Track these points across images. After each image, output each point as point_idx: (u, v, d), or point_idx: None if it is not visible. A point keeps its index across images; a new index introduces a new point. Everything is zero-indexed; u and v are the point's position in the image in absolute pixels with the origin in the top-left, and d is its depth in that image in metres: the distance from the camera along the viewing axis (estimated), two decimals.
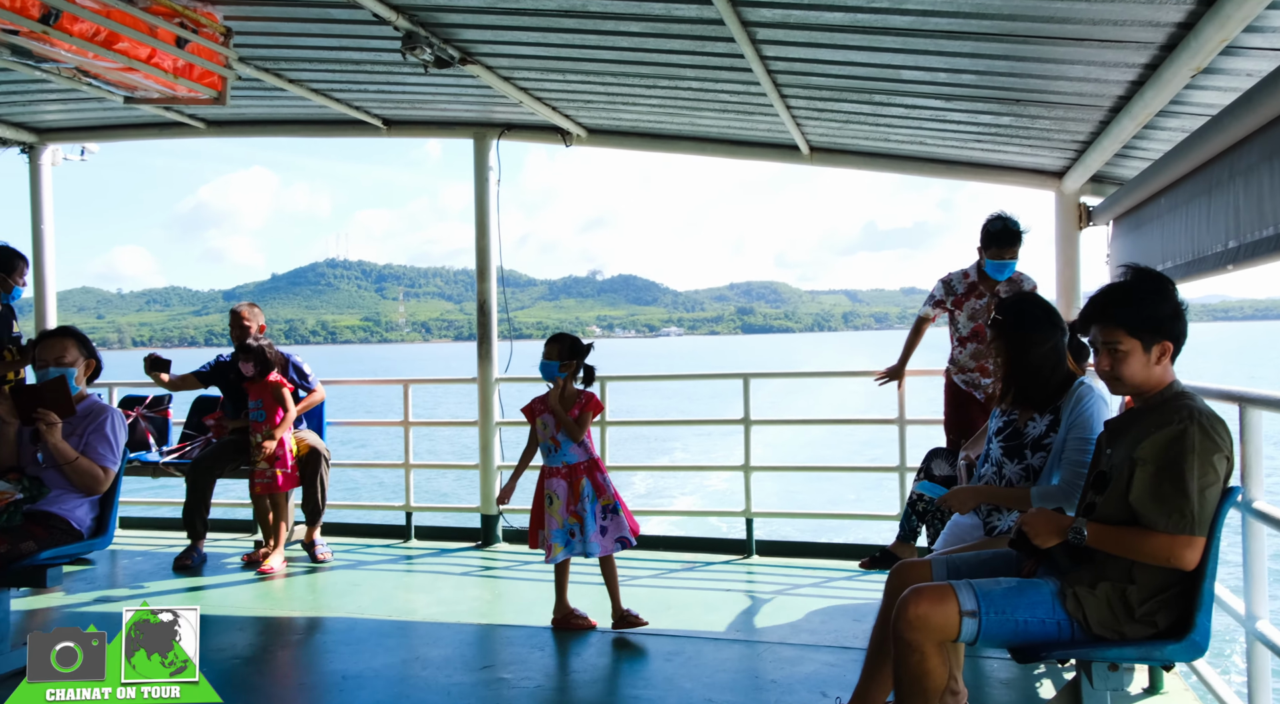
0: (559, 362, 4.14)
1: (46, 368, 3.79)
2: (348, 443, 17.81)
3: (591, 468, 4.18)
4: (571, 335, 4.20)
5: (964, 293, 4.81)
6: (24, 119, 6.47)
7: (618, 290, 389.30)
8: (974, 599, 2.36)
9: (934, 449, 4.56)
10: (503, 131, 6.05)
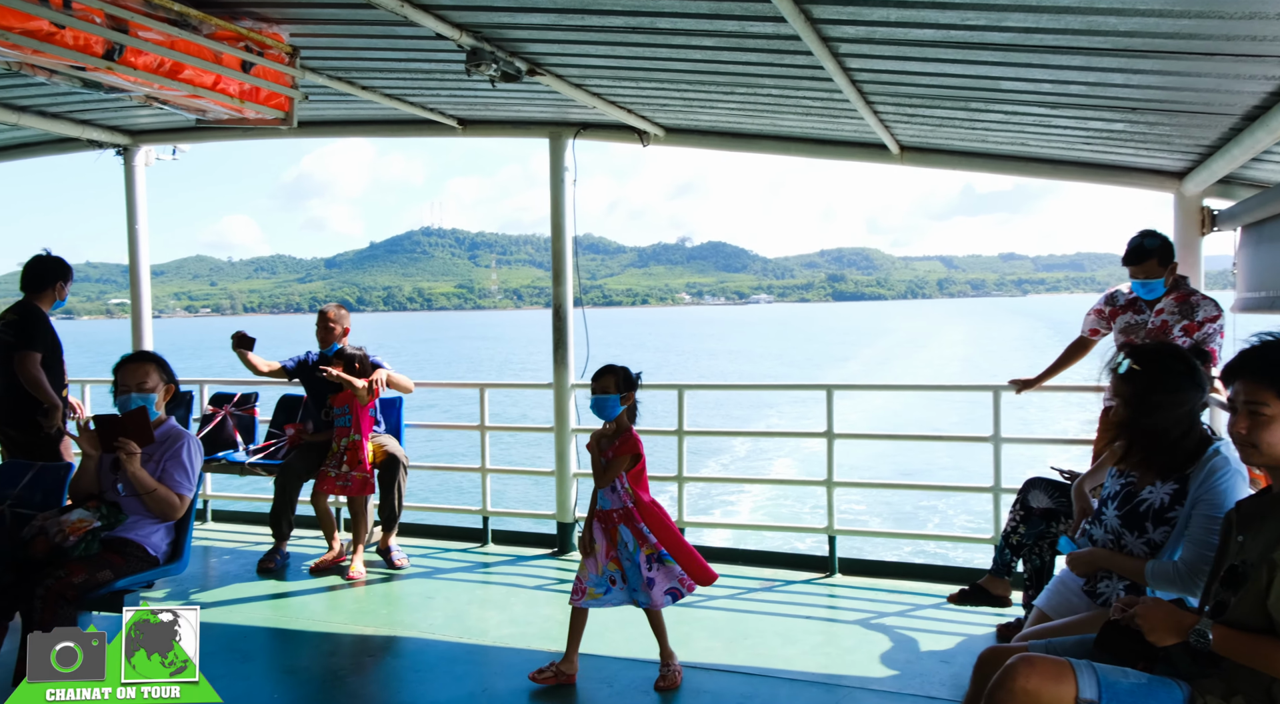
0: (619, 394, 3.78)
1: (128, 394, 3.83)
2: (428, 441, 17.89)
3: (628, 516, 3.76)
4: (623, 366, 3.88)
5: (1124, 305, 4.48)
6: (118, 122, 6.60)
7: (707, 257, 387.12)
8: (1096, 687, 2.09)
9: (1033, 479, 4.27)
10: (578, 131, 5.88)
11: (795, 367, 51.56)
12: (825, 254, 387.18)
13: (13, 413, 5.17)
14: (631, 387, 3.83)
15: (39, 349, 5.05)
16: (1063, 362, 4.86)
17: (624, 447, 3.77)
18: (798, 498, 13.62)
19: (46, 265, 5.27)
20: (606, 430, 3.84)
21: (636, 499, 3.79)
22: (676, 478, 5.85)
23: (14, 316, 5.13)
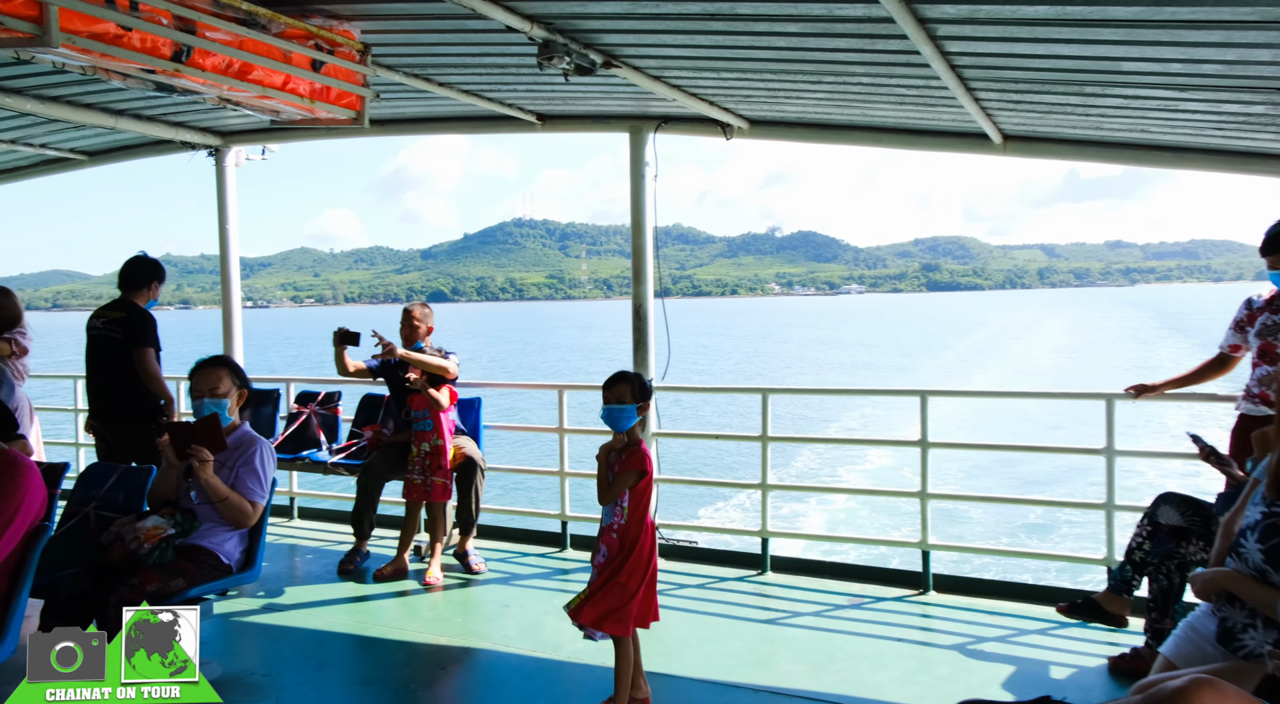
0: (635, 405, 3.48)
1: (201, 399, 3.81)
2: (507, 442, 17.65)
3: (620, 533, 3.45)
4: (636, 373, 3.60)
5: (1262, 306, 4.09)
6: (209, 124, 6.70)
7: (797, 247, 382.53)
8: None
9: (1165, 494, 3.91)
10: (659, 125, 5.68)
11: (888, 356, 50.45)
12: (919, 243, 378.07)
13: (116, 409, 5.31)
14: (646, 396, 3.56)
15: (154, 345, 5.24)
16: (1196, 376, 4.45)
17: (631, 461, 3.47)
18: (887, 505, 13.13)
19: (144, 266, 5.47)
20: (616, 443, 3.58)
21: (630, 518, 3.49)
22: (760, 485, 5.61)
23: (122, 314, 5.30)
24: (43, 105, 5.72)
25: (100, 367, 5.32)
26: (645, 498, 3.50)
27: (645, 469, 3.48)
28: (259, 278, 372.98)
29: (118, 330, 5.25)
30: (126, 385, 5.22)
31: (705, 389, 6.84)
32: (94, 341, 5.36)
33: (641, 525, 3.47)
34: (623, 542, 3.45)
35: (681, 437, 6.57)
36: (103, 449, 5.46)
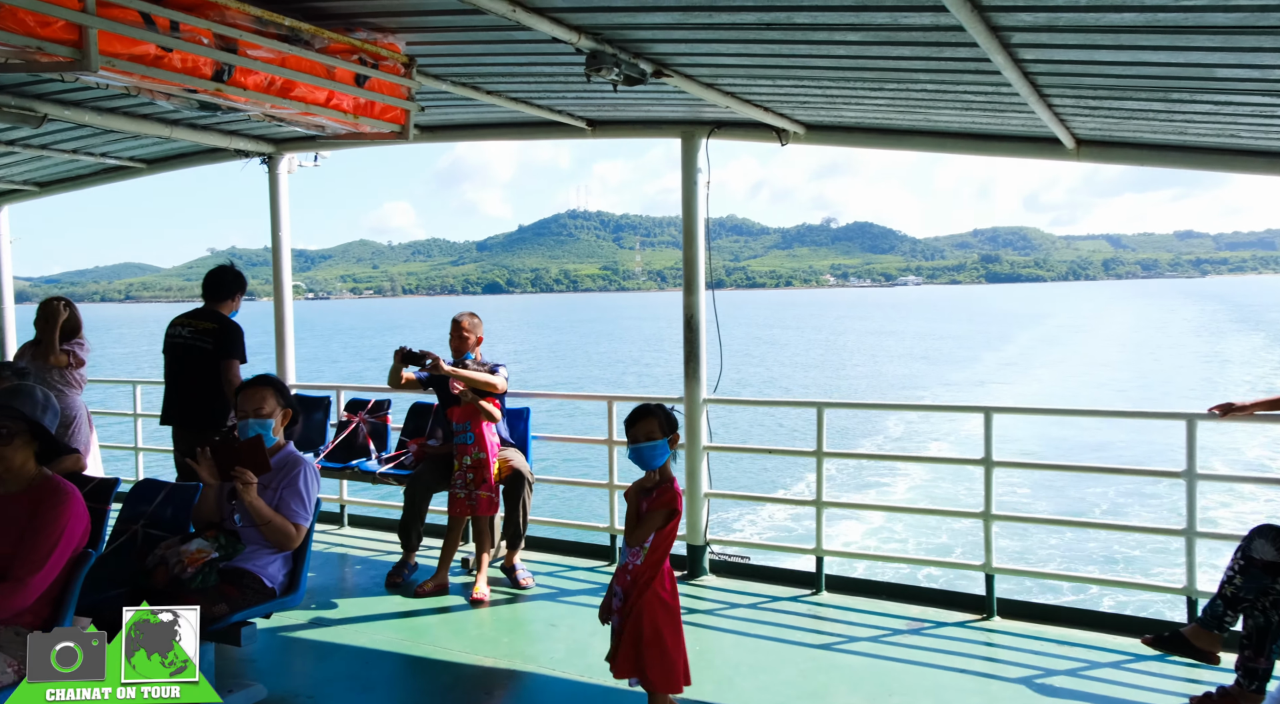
0: (666, 439, 3.28)
1: (246, 420, 3.76)
2: (555, 451, 16.95)
3: (636, 575, 3.26)
4: (659, 404, 3.39)
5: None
6: (262, 132, 6.71)
7: (852, 238, 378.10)
8: None
9: (1261, 526, 3.67)
10: (712, 130, 5.50)
11: (947, 348, 49.55)
12: (979, 234, 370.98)
13: (193, 416, 5.37)
14: (675, 427, 3.37)
15: (242, 357, 5.33)
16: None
17: (660, 499, 3.26)
18: (947, 518, 12.45)
19: (230, 276, 5.60)
20: (647, 481, 3.38)
21: (648, 559, 3.29)
22: (815, 502, 5.42)
23: (213, 325, 5.40)
24: (100, 117, 5.77)
25: (185, 374, 5.37)
26: (669, 540, 3.32)
27: (675, 508, 3.29)
28: (319, 270, 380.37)
29: (208, 341, 5.34)
30: (209, 394, 5.29)
31: (757, 402, 6.53)
32: (181, 349, 5.39)
33: (658, 569, 3.28)
34: (635, 583, 3.28)
35: (732, 450, 6.41)
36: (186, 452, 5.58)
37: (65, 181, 7.94)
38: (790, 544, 5.97)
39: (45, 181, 7.94)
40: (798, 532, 11.77)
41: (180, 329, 5.45)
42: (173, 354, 5.44)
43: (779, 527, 12.33)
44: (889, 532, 11.98)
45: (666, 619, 3.25)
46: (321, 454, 6.41)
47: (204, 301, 5.57)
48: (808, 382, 36.99)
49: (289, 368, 7.15)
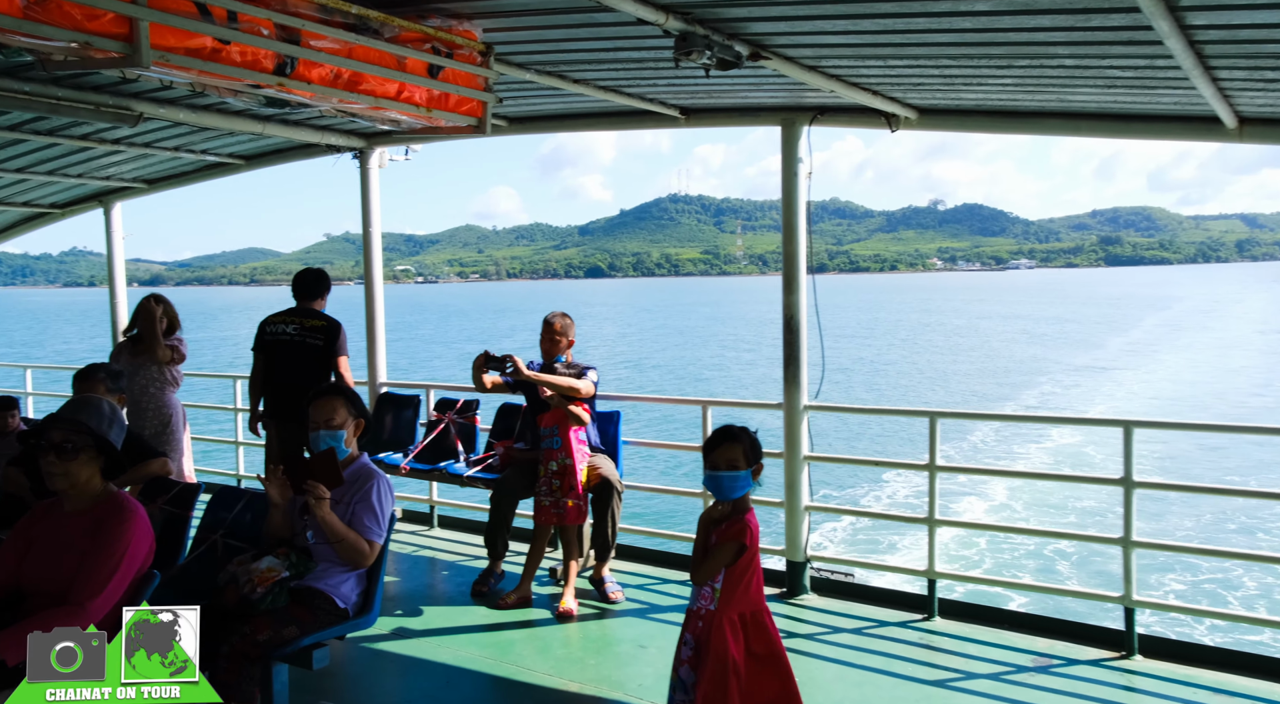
0: (750, 469, 2.97)
1: (317, 431, 3.60)
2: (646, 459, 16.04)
3: (710, 625, 2.93)
4: (742, 427, 3.05)
5: None
6: (353, 127, 6.62)
7: (961, 221, 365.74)
8: None
9: None
10: (814, 117, 5.09)
11: (1064, 331, 47.28)
12: (1098, 215, 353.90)
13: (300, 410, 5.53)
14: (760, 455, 3.03)
15: (347, 353, 5.72)
16: None
17: (731, 530, 2.92)
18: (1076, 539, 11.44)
19: (324, 277, 5.95)
20: (716, 512, 3.05)
21: (721, 603, 2.94)
22: (927, 520, 4.98)
23: (321, 323, 5.72)
24: (194, 114, 5.76)
25: (295, 370, 5.60)
26: (746, 581, 2.97)
27: (745, 543, 2.94)
28: (427, 254, 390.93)
29: (319, 337, 5.65)
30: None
31: (864, 410, 6.00)
32: (289, 346, 5.65)
33: (736, 619, 2.93)
34: (708, 632, 2.94)
35: (835, 461, 6.00)
36: (274, 446, 5.72)
37: (171, 178, 8.07)
38: (896, 562, 5.52)
39: (152, 179, 8.08)
40: (883, 546, 11.13)
41: (284, 327, 5.69)
42: (279, 351, 5.67)
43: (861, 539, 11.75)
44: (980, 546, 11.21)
45: (756, 683, 2.90)
46: (410, 454, 6.30)
47: (298, 301, 5.80)
48: (917, 369, 35.78)
49: (379, 361, 7.08)
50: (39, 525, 3.01)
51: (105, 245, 8.49)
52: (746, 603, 2.99)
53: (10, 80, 4.84)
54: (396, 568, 5.88)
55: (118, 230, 8.48)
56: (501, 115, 6.06)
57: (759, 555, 3.05)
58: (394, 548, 6.24)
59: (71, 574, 2.86)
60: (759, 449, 3.04)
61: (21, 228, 9.27)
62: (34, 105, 5.05)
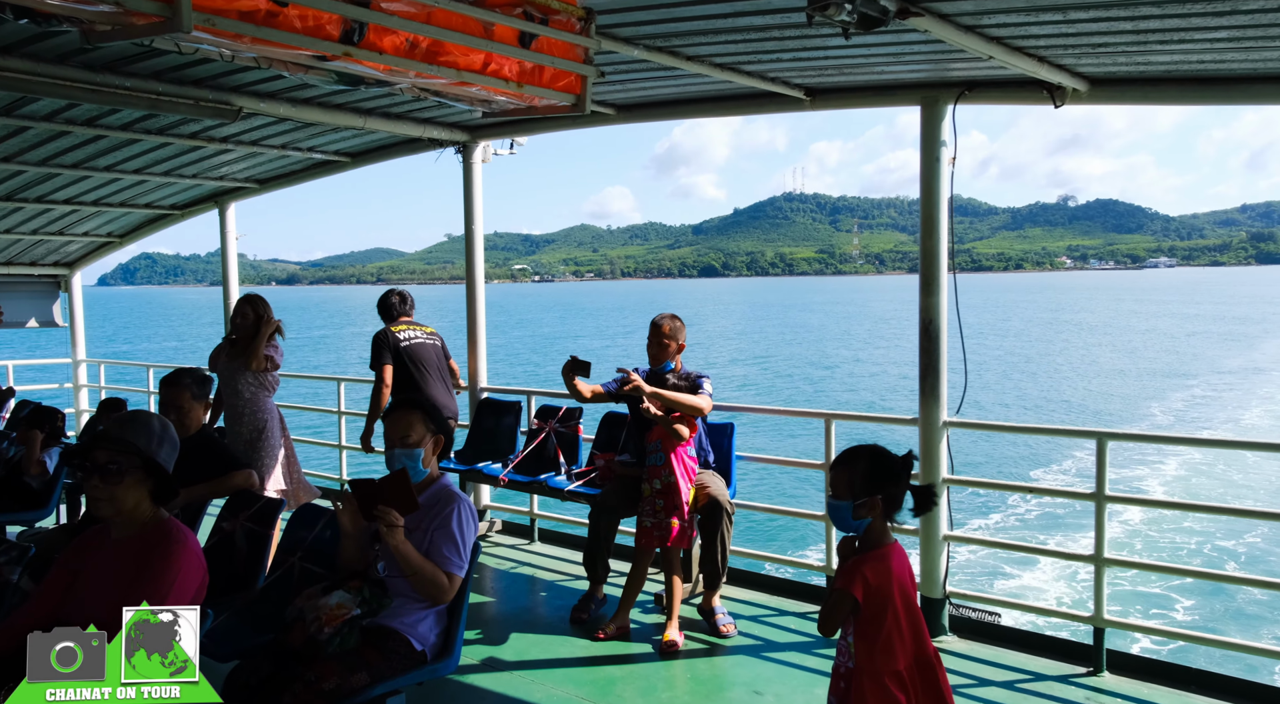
0: (852, 502, 2.52)
1: (392, 449, 3.23)
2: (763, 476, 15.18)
3: (850, 684, 2.48)
4: (872, 448, 2.57)
5: None
6: (456, 120, 6.34)
7: (1093, 217, 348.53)
8: None
9: None
10: (962, 93, 4.46)
11: (1220, 326, 43.93)
12: (1248, 209, 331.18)
13: (448, 413, 5.85)
14: (880, 486, 2.51)
15: None
16: None
17: (841, 576, 2.52)
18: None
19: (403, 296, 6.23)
20: (843, 545, 2.62)
21: (860, 659, 2.46)
22: (1093, 557, 4.28)
23: (433, 330, 6.13)
24: (294, 108, 5.57)
25: (433, 374, 5.93)
26: (885, 636, 2.46)
27: (847, 591, 2.46)
28: (543, 253, 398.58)
29: (439, 341, 6.11)
30: (445, 393, 5.96)
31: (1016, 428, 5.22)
32: (423, 350, 5.95)
33: (886, 680, 2.43)
34: (848, 695, 2.47)
35: (979, 485, 5.32)
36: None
37: (280, 178, 8.00)
38: (1031, 587, 4.81)
39: (263, 179, 8.04)
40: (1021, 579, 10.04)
41: (414, 333, 5.97)
42: (417, 355, 5.91)
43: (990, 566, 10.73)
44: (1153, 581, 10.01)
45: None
46: (510, 465, 5.95)
47: (397, 317, 6.06)
48: (1052, 376, 33.82)
49: (480, 366, 6.78)
50: (87, 556, 2.72)
51: (220, 243, 8.51)
52: (895, 659, 2.46)
53: (111, 75, 4.70)
54: (493, 587, 5.53)
55: (231, 231, 8.49)
56: (609, 102, 5.65)
57: (904, 602, 2.49)
58: (491, 564, 5.91)
59: (118, 608, 2.55)
60: (880, 478, 2.53)
61: (146, 229, 9.42)
62: (134, 100, 4.91)
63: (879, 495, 2.51)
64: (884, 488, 2.51)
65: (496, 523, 6.68)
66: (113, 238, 9.48)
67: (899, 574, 2.50)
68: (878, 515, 2.53)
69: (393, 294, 6.19)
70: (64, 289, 10.24)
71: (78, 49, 4.37)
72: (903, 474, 2.55)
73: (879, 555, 2.51)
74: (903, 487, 2.54)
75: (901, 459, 2.56)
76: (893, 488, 2.51)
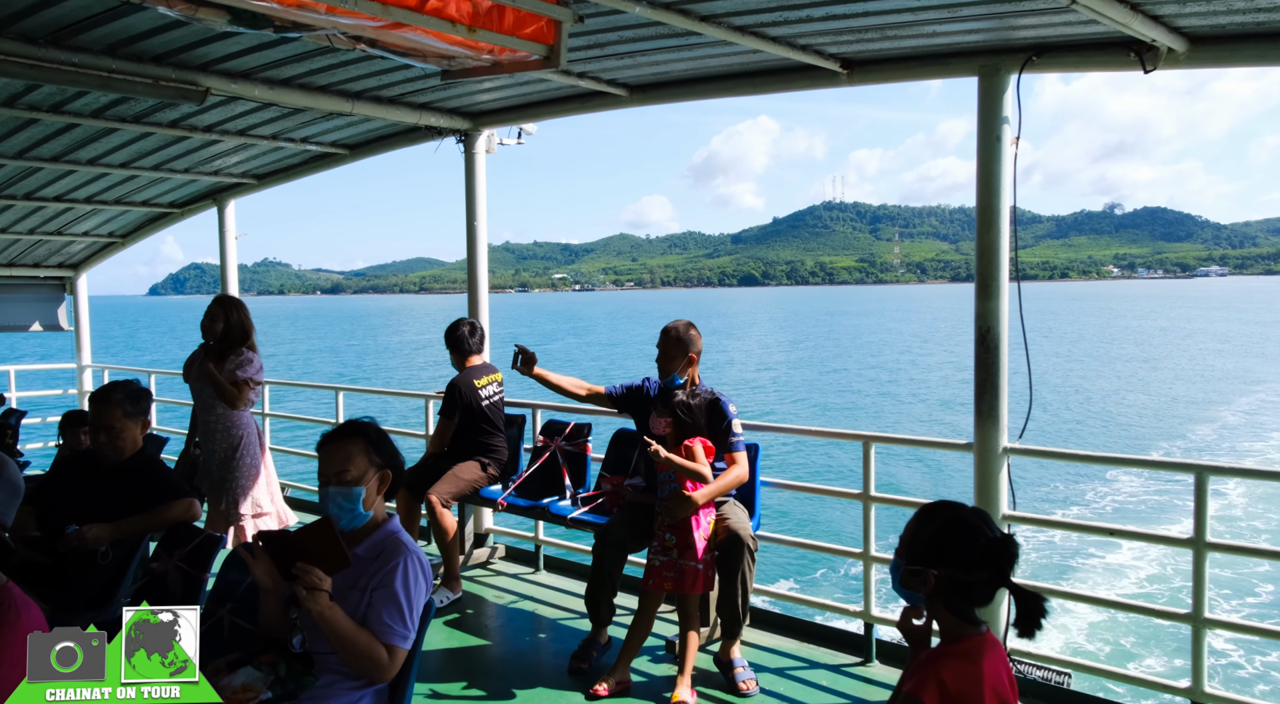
0: (904, 563, 1.99)
1: (327, 487, 2.61)
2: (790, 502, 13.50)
3: None
4: (957, 511, 1.99)
5: None
6: (455, 104, 5.78)
7: (1140, 225, 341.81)
8: None
9: None
10: (1029, 59, 3.77)
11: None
12: None
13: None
14: (945, 560, 1.92)
15: None
16: None
17: (912, 678, 1.89)
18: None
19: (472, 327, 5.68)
20: (907, 620, 2.07)
21: None
22: (1191, 618, 3.55)
23: (501, 376, 5.62)
24: (271, 91, 5.03)
25: (497, 431, 5.49)
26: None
27: (917, 698, 1.83)
28: (583, 263, 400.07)
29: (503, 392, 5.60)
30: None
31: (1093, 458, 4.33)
32: (497, 410, 5.51)
33: None
34: None
35: (1052, 526, 4.59)
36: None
37: (278, 173, 7.53)
38: (1139, 674, 4.04)
39: (261, 174, 7.56)
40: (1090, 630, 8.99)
41: (496, 389, 5.51)
42: (494, 414, 5.47)
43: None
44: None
45: None
46: (511, 486, 5.34)
47: (468, 352, 5.52)
48: (1113, 381, 32.55)
49: None
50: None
51: (219, 243, 8.04)
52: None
53: (55, 50, 4.18)
54: (488, 625, 4.91)
55: (230, 229, 8.02)
56: (619, 82, 5.04)
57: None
58: (490, 596, 5.30)
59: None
60: (946, 552, 1.90)
61: (148, 229, 9.01)
62: (83, 78, 4.38)
63: (935, 572, 1.84)
64: (946, 565, 1.84)
65: (499, 548, 6.08)
66: (115, 238, 9.08)
67: (993, 679, 1.85)
68: (937, 603, 1.87)
69: (463, 324, 5.56)
70: (69, 292, 9.86)
71: (11, 15, 3.85)
72: (980, 561, 1.89)
73: (963, 651, 1.86)
74: (978, 577, 1.87)
75: (990, 542, 1.91)
76: (960, 573, 1.85)
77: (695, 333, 4.43)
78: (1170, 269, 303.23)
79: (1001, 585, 1.90)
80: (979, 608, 1.93)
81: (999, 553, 1.89)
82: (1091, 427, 24.78)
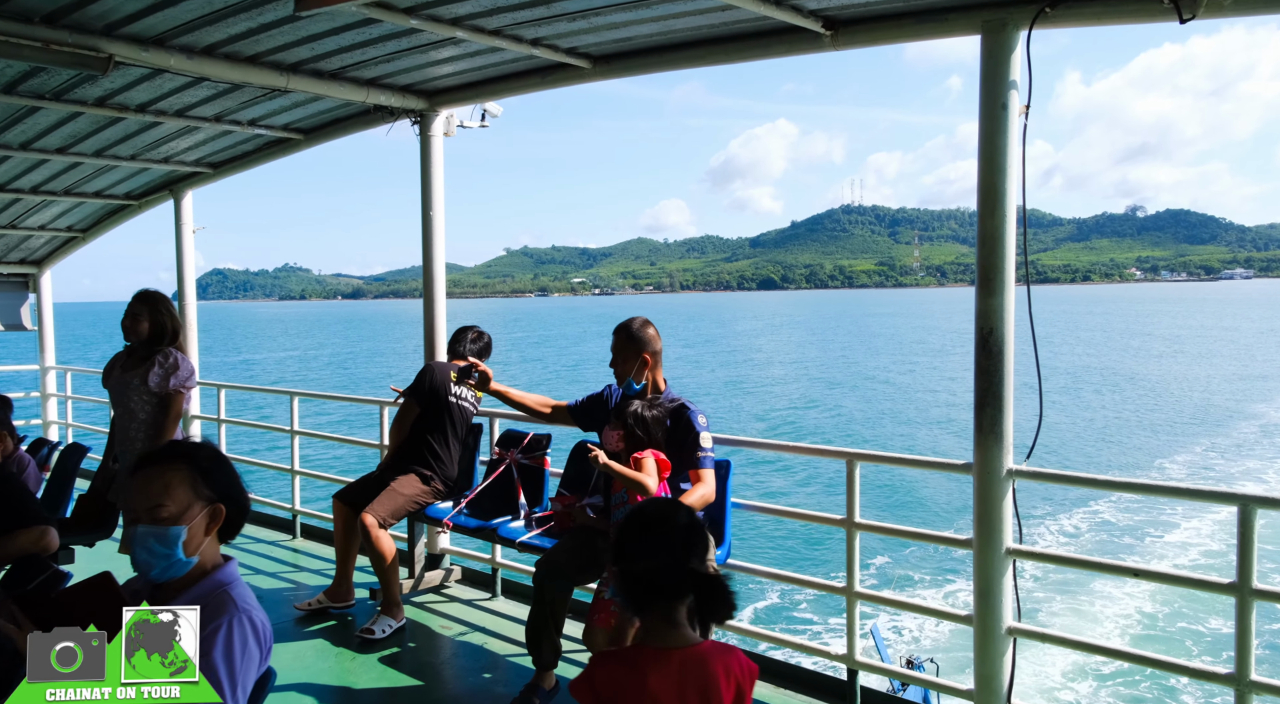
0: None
1: (134, 526, 2.06)
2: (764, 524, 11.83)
3: None
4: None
5: None
6: (407, 81, 5.24)
7: (1164, 228, 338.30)
8: None
9: None
10: (1041, 11, 3.17)
11: None
12: None
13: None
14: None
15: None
16: None
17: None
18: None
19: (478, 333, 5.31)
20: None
21: None
22: (1234, 680, 2.94)
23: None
24: (190, 61, 4.50)
25: (454, 441, 5.02)
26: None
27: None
28: (602, 267, 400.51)
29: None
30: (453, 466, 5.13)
31: (1118, 484, 3.58)
32: (463, 416, 5.05)
33: None
34: None
35: (1067, 563, 3.90)
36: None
37: (234, 161, 7.02)
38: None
39: (216, 162, 7.07)
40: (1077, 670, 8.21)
41: (466, 392, 5.03)
42: (458, 417, 5.01)
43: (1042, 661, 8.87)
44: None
45: None
46: (462, 503, 4.80)
47: (461, 354, 5.05)
48: (1136, 387, 31.76)
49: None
50: None
51: (175, 236, 7.56)
52: None
53: None
54: (430, 660, 4.36)
55: (187, 223, 7.54)
56: (580, 51, 4.50)
57: None
58: (436, 627, 4.75)
59: None
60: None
61: (109, 222, 8.55)
62: None
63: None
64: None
65: (455, 571, 5.52)
66: (75, 232, 8.63)
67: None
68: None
69: (469, 330, 5.16)
70: (32, 289, 9.40)
71: None
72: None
73: (629, 658, 1.81)
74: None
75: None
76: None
77: (653, 331, 3.89)
78: (1194, 272, 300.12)
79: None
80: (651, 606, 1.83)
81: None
82: (1116, 431, 24.02)
